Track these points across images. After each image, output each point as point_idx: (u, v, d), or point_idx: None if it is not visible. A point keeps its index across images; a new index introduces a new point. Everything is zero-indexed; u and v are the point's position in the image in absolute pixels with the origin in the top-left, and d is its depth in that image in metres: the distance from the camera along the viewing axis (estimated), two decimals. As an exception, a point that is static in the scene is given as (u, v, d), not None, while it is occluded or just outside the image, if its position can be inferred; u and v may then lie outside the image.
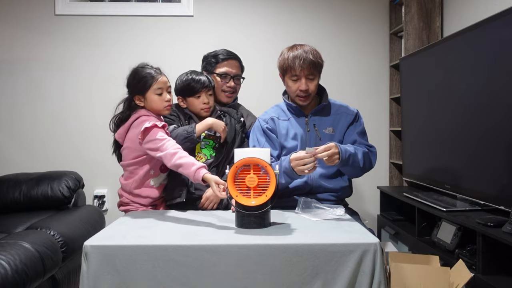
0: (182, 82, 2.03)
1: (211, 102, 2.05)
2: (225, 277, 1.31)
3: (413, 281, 1.46)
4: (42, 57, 3.32)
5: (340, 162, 1.76)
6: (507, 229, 1.68)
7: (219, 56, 2.21)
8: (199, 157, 2.00)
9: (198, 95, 2.01)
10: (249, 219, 1.51)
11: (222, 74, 2.19)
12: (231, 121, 2.08)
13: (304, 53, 1.88)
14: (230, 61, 2.22)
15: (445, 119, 2.36)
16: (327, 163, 1.75)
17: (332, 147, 1.73)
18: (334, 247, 1.32)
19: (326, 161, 1.73)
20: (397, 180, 3.34)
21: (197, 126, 1.95)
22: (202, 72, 2.09)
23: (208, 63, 2.24)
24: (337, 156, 1.75)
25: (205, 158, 2.01)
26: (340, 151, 1.75)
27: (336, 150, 1.74)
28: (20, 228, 2.33)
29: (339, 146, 1.76)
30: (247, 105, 2.38)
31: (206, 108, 2.03)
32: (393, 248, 2.33)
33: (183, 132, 1.93)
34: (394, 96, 3.31)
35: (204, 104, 2.02)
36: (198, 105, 2.03)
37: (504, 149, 1.87)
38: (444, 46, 2.38)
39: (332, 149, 1.73)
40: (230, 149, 2.01)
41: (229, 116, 2.10)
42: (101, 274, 1.30)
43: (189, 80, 2.01)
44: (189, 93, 2.02)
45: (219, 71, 2.20)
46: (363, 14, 3.42)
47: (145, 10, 3.35)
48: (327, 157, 1.71)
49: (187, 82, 2.01)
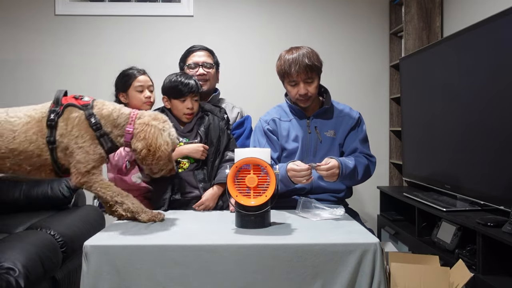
0: (170, 83, 2.01)
1: (195, 108, 2.02)
2: (225, 277, 1.31)
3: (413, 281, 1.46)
4: (43, 57, 3.32)
5: (338, 178, 1.79)
6: (507, 229, 1.68)
7: (188, 50, 2.32)
8: (182, 163, 1.99)
9: (184, 98, 1.98)
10: (249, 219, 1.51)
11: (190, 65, 2.27)
12: (215, 119, 2.06)
13: (300, 57, 1.86)
14: (196, 52, 2.30)
15: (445, 119, 2.36)
16: (326, 179, 1.78)
17: (335, 168, 1.75)
18: (334, 247, 1.32)
19: (325, 177, 1.77)
20: (397, 180, 3.34)
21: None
22: (192, 76, 2.09)
23: (181, 60, 2.33)
24: (337, 174, 1.77)
25: (188, 163, 2.00)
26: (341, 171, 1.77)
27: (337, 171, 1.76)
28: (20, 228, 2.33)
29: (341, 166, 1.77)
30: (246, 105, 2.38)
31: (189, 114, 2.00)
32: (393, 248, 2.33)
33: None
34: (394, 96, 3.31)
35: (188, 109, 1.99)
36: (182, 109, 1.99)
37: (504, 149, 1.87)
38: (444, 46, 2.38)
39: (334, 170, 1.75)
40: (216, 148, 2.01)
41: (212, 114, 2.08)
42: (101, 274, 1.30)
43: (177, 82, 1.98)
44: (174, 95, 1.99)
45: (188, 63, 2.28)
46: (363, 14, 3.42)
47: (145, 10, 3.35)
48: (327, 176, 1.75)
49: (175, 84, 1.98)
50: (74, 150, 1.51)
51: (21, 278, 1.74)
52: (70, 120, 1.52)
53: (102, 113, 1.55)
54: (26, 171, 1.54)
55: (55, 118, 1.51)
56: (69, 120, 1.52)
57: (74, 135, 1.51)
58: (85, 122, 1.52)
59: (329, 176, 1.76)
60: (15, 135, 1.48)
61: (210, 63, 2.30)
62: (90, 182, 1.54)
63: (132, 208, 1.58)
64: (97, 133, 1.52)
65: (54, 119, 1.51)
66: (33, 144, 1.50)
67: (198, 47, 2.33)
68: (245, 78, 2.35)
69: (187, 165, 2.00)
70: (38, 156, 1.51)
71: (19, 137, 1.49)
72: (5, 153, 1.49)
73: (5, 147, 1.48)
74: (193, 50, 2.32)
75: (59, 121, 1.51)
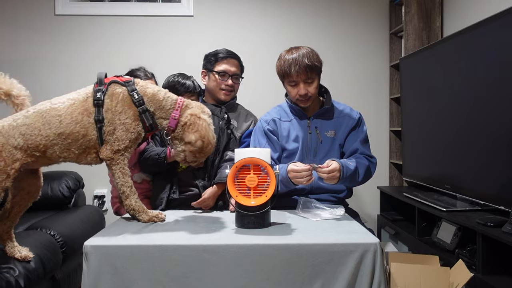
0: (168, 83, 2.05)
1: None
2: (225, 277, 1.31)
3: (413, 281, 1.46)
4: (43, 57, 3.32)
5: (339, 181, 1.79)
6: (507, 229, 1.68)
7: (219, 55, 2.22)
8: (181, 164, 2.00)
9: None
10: (249, 219, 1.51)
11: (221, 72, 2.19)
12: (215, 119, 2.07)
13: (299, 57, 1.86)
14: (230, 59, 2.22)
15: (445, 119, 2.36)
16: (326, 181, 1.78)
17: (336, 171, 1.75)
18: (334, 247, 1.32)
19: (326, 180, 1.76)
20: (397, 180, 3.34)
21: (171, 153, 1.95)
22: (190, 77, 2.10)
23: (208, 61, 2.25)
24: (337, 177, 1.77)
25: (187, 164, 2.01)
26: (342, 174, 1.77)
27: (338, 174, 1.76)
28: (20, 228, 2.32)
29: (342, 169, 1.77)
30: (246, 105, 2.38)
31: None
32: (393, 248, 2.33)
33: (154, 156, 1.95)
34: (394, 96, 3.31)
35: None
36: None
37: (504, 149, 1.87)
38: (444, 46, 2.38)
39: (335, 173, 1.75)
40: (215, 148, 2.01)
41: (213, 114, 2.09)
42: (101, 274, 1.30)
43: (175, 82, 2.03)
44: None
45: (217, 69, 2.20)
46: (363, 14, 3.42)
47: (145, 10, 3.35)
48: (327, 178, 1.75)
49: (173, 84, 2.03)
50: (116, 127, 1.53)
51: (21, 278, 1.74)
52: (114, 95, 1.55)
53: (146, 92, 1.58)
54: (75, 156, 1.55)
55: (101, 96, 1.53)
56: (113, 95, 1.55)
57: (118, 111, 1.54)
58: (128, 98, 1.55)
59: (329, 179, 1.76)
60: (61, 119, 1.51)
61: (239, 74, 2.25)
62: (116, 161, 1.55)
63: (134, 206, 1.59)
64: (139, 108, 1.55)
65: (100, 98, 1.53)
66: (78, 125, 1.52)
67: (231, 54, 2.24)
68: (245, 78, 2.35)
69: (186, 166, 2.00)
70: (83, 136, 1.52)
71: (65, 120, 1.51)
72: (54, 140, 1.50)
73: (53, 134, 1.50)
74: (226, 57, 2.21)
75: (105, 98, 1.54)
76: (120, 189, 1.58)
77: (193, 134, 1.55)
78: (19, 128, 1.47)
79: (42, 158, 1.52)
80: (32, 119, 1.49)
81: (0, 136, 1.46)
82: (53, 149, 1.51)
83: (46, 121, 1.49)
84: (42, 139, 1.48)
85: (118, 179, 1.57)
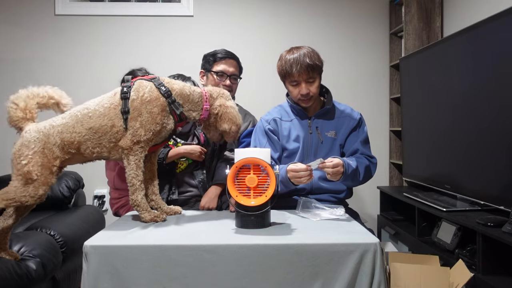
0: None
1: None
2: (225, 277, 1.31)
3: (413, 281, 1.46)
4: (43, 57, 3.32)
5: (341, 178, 1.78)
6: (507, 229, 1.68)
7: (217, 55, 2.23)
8: (180, 163, 2.01)
9: None
10: (249, 219, 1.51)
11: (219, 73, 2.20)
12: None
13: (300, 57, 1.86)
14: (228, 60, 2.22)
15: (445, 119, 2.36)
16: (330, 177, 1.77)
17: (340, 166, 1.75)
18: (334, 247, 1.32)
19: (330, 176, 1.75)
20: (397, 180, 3.34)
21: (170, 153, 1.96)
22: (189, 77, 2.10)
23: (206, 61, 2.25)
24: (341, 172, 1.76)
25: (186, 163, 2.02)
26: (345, 170, 1.76)
27: (342, 170, 1.75)
28: (20, 229, 2.32)
29: (345, 165, 1.77)
30: (246, 105, 2.38)
31: None
32: (393, 248, 2.33)
33: None
34: (394, 96, 3.31)
35: None
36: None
37: (504, 149, 1.87)
38: (444, 46, 2.38)
39: (339, 168, 1.74)
40: (213, 149, 2.01)
41: None
42: (101, 274, 1.30)
43: None
44: None
45: (216, 69, 2.20)
46: (363, 14, 3.42)
47: (145, 10, 3.35)
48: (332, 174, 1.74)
49: None
50: (142, 113, 1.57)
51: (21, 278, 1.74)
52: (141, 87, 1.60)
53: (172, 87, 1.63)
54: (107, 150, 1.60)
55: (128, 90, 1.60)
56: (140, 87, 1.60)
57: (145, 99, 1.58)
58: (156, 90, 1.60)
59: (334, 174, 1.74)
60: (91, 115, 1.58)
61: (237, 75, 2.25)
62: (133, 152, 1.57)
63: (139, 202, 1.60)
64: (168, 99, 1.60)
65: (127, 92, 1.59)
66: (106, 117, 1.58)
67: (230, 54, 2.24)
68: (246, 78, 2.35)
69: (184, 165, 2.01)
70: (111, 127, 1.57)
71: (94, 115, 1.58)
72: (86, 135, 1.58)
73: (85, 129, 1.57)
74: (224, 57, 2.22)
75: (131, 91, 1.59)
76: (130, 182, 1.59)
77: (226, 123, 1.67)
78: (57, 127, 1.58)
79: (77, 154, 1.60)
80: (68, 119, 1.59)
81: (42, 135, 1.57)
82: (86, 145, 1.58)
83: (78, 119, 1.58)
84: (76, 135, 1.57)
85: (131, 171, 1.58)
